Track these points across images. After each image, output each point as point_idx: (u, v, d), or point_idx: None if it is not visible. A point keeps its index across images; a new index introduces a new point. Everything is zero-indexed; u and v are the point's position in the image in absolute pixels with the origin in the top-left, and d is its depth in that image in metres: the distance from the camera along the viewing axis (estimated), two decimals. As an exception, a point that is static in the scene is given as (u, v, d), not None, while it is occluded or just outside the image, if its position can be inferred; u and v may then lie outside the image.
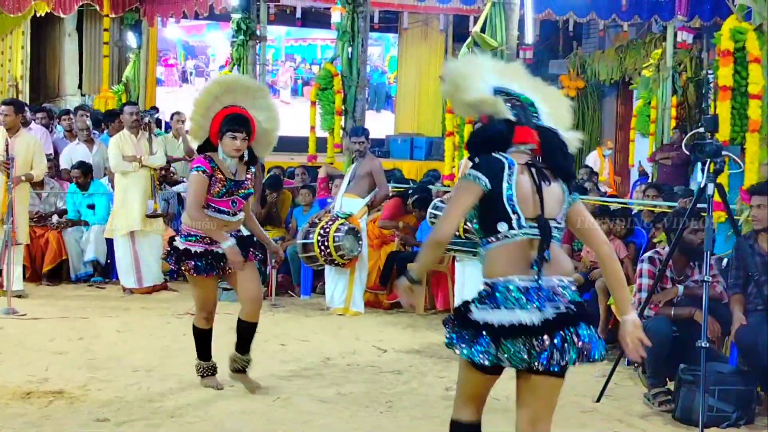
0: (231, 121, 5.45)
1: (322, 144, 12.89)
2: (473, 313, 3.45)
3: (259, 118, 5.60)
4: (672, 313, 5.98)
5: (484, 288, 3.49)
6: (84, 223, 10.05)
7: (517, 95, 3.64)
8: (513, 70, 3.78)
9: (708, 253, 5.37)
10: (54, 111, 13.34)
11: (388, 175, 9.73)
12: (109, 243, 9.76)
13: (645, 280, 6.11)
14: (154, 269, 9.51)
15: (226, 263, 5.50)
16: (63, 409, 5.43)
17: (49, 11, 15.20)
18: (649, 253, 6.30)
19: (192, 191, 5.49)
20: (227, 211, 5.53)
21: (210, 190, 5.46)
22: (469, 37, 9.83)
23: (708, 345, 5.33)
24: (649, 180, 13.11)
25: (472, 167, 3.55)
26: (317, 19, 18.37)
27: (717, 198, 5.56)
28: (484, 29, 9.45)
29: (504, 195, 3.46)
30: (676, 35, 13.82)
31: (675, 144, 12.82)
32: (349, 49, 12.02)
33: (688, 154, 7.24)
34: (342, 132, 11.99)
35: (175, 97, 18.64)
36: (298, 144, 14.09)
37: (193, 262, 5.53)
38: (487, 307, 3.43)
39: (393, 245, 9.60)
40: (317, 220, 8.67)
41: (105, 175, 10.53)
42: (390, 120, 20.70)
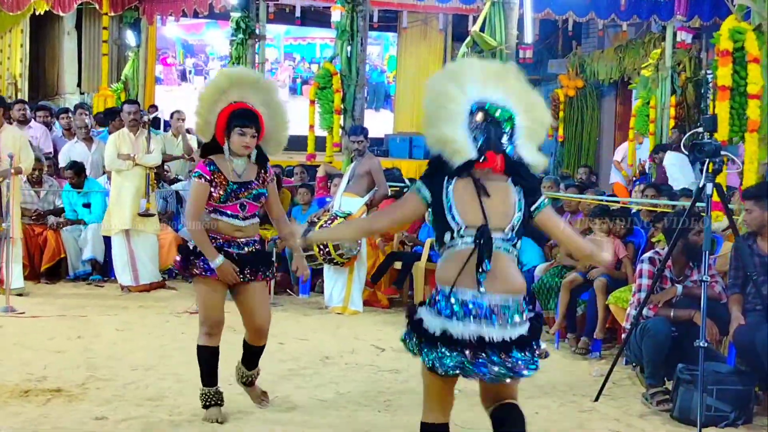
0: (239, 117, 5.07)
1: (320, 143, 12.89)
2: (418, 313, 3.61)
3: (267, 116, 5.22)
4: (671, 314, 5.98)
5: (433, 293, 3.62)
6: (81, 223, 10.06)
7: (493, 110, 3.63)
8: (502, 74, 3.73)
9: (707, 253, 5.38)
10: (53, 109, 13.34)
11: (386, 174, 9.73)
12: (107, 241, 9.76)
13: (645, 280, 6.12)
14: (149, 267, 9.52)
15: (238, 272, 5.12)
16: (61, 407, 5.43)
17: (48, 9, 15.18)
18: (648, 254, 6.31)
19: (190, 200, 5.18)
20: (236, 215, 5.13)
21: (212, 192, 5.10)
22: (469, 37, 9.84)
23: (706, 344, 5.33)
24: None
25: (420, 179, 3.72)
26: (317, 17, 18.37)
27: (716, 198, 5.56)
28: (483, 29, 9.46)
29: (445, 206, 3.59)
30: (675, 35, 13.79)
31: (674, 144, 12.82)
32: (349, 48, 12.03)
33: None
34: (341, 131, 11.99)
35: (174, 96, 18.62)
36: (297, 143, 13.96)
37: (202, 263, 5.13)
38: (432, 311, 3.56)
39: (392, 245, 9.61)
40: (316, 219, 8.68)
41: (104, 173, 10.53)
42: (389, 119, 20.68)
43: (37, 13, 15.46)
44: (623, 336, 6.23)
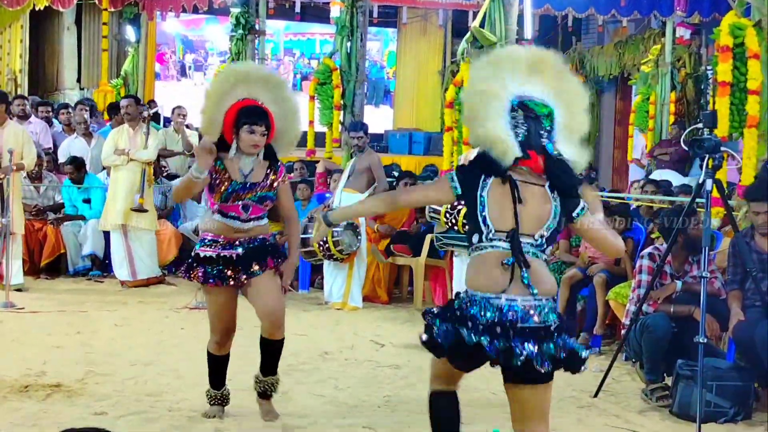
0: (248, 114, 4.87)
1: (320, 139, 12.87)
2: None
3: (277, 113, 5.02)
4: (671, 310, 5.98)
5: (462, 293, 3.59)
6: (81, 218, 10.05)
7: (534, 106, 3.56)
8: (543, 65, 3.66)
9: (707, 248, 5.38)
10: (55, 105, 13.34)
11: (386, 170, 9.72)
12: (107, 237, 9.76)
13: (644, 276, 6.12)
14: (147, 262, 9.52)
15: (241, 272, 4.93)
16: (61, 402, 5.43)
17: (47, 5, 15.14)
18: (648, 249, 6.31)
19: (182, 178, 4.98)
20: (238, 216, 4.93)
21: (214, 189, 4.94)
22: (468, 32, 9.82)
23: (706, 340, 5.33)
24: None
25: (455, 170, 3.67)
26: (316, 13, 18.34)
27: (715, 194, 5.56)
28: (483, 24, 9.43)
29: (477, 207, 3.53)
30: (675, 31, 13.79)
31: (673, 140, 12.82)
32: (348, 43, 12.01)
33: (687, 149, 7.25)
34: (341, 127, 11.98)
35: (174, 91, 18.59)
36: (297, 139, 14.05)
37: (202, 269, 4.93)
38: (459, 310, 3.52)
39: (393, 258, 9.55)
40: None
41: (103, 168, 10.52)
42: (389, 115, 20.66)
43: (36, 8, 15.42)
44: (623, 332, 6.23)
